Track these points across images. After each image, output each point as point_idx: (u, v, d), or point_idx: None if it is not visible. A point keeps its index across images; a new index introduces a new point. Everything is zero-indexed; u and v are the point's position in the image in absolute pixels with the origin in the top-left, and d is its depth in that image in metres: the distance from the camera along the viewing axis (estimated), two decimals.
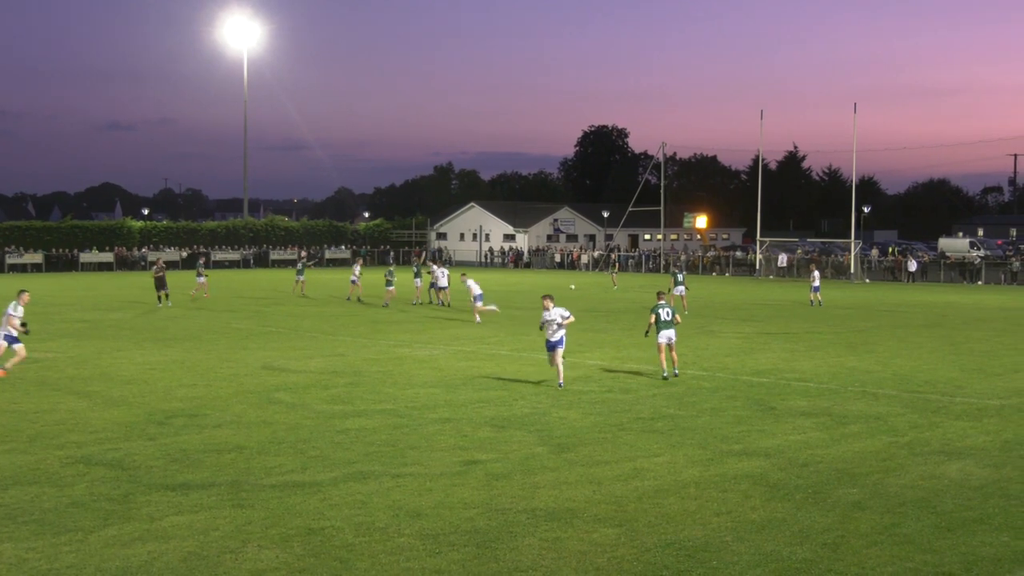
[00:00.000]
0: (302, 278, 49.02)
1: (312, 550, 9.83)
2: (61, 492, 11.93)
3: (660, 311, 21.20)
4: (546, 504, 11.48)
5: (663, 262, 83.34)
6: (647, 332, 21.80)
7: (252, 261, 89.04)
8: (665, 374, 21.21)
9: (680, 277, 40.79)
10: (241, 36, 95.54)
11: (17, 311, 20.92)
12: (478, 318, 34.47)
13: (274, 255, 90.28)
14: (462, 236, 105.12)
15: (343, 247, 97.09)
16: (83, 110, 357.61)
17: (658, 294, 22.48)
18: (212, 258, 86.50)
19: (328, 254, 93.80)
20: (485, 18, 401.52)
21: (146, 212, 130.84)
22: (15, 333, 20.94)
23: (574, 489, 12.18)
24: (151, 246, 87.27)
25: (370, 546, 9.96)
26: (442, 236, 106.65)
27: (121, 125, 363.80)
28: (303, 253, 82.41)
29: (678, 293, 38.82)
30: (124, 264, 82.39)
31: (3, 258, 77.83)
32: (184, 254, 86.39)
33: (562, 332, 19.84)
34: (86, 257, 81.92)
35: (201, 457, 13.81)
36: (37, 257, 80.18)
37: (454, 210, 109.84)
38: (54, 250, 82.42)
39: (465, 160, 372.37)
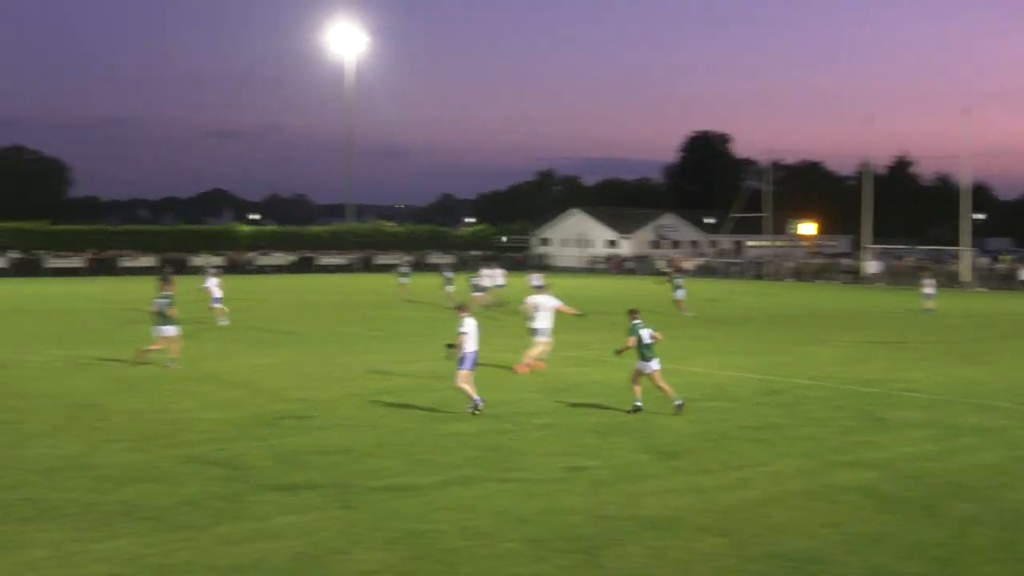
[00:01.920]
0: (406, 281, 49.92)
1: (417, 553, 9.91)
2: (175, 490, 12.23)
3: (642, 332, 17.88)
4: (650, 512, 11.42)
5: (766, 269, 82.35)
6: (620, 351, 18.55)
7: (358, 266, 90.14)
8: (639, 403, 17.89)
9: (680, 281, 42.47)
10: (346, 42, 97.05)
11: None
12: (223, 320, 35.37)
13: (379, 260, 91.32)
14: (564, 242, 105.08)
15: (446, 252, 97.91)
16: (194, 117, 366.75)
17: (631, 312, 18.47)
18: (318, 262, 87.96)
19: (431, 259, 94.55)
20: (589, 24, 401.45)
21: (254, 217, 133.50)
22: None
23: (679, 497, 12.09)
24: (260, 250, 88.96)
25: (475, 550, 10.01)
26: (545, 242, 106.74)
27: (230, 132, 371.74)
28: (406, 258, 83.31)
29: (679, 297, 40.34)
30: (234, 268, 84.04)
31: (117, 261, 79.96)
32: (291, 258, 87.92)
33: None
34: (197, 261, 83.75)
35: (309, 458, 14.03)
36: (150, 260, 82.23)
37: (556, 216, 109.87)
38: (167, 254, 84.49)
39: (568, 166, 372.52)
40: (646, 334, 17.93)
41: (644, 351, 17.85)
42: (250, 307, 43.06)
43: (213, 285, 37.29)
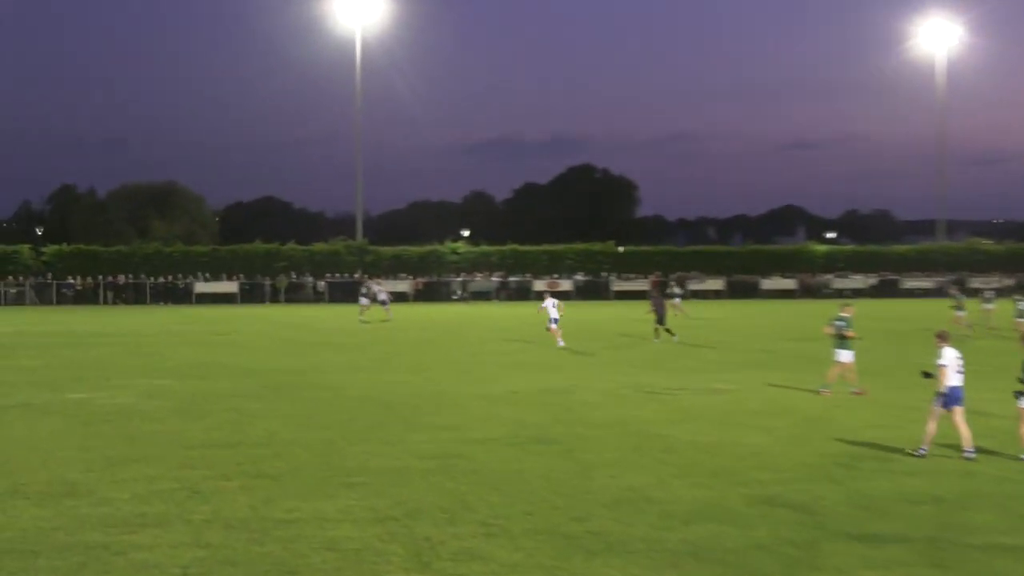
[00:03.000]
0: (990, 307, 47.94)
1: None
2: (744, 532, 12.37)
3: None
4: None
5: None
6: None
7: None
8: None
9: (960, 299, 41.23)
10: (937, 39, 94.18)
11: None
12: (560, 342, 37.50)
13: (973, 283, 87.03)
14: None
15: None
16: (766, 130, 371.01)
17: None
18: (902, 285, 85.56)
19: None
20: None
21: (830, 235, 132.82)
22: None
23: None
24: (835, 272, 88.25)
25: None
26: None
27: (805, 143, 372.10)
28: (1005, 281, 78.77)
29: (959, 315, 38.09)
30: (808, 291, 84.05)
31: (686, 284, 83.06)
32: (871, 281, 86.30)
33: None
34: (767, 283, 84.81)
35: (892, 506, 13.61)
36: (718, 283, 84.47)
37: None
38: (734, 276, 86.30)
39: None
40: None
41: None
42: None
43: (550, 306, 38.96)
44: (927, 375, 17.62)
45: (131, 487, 14.84)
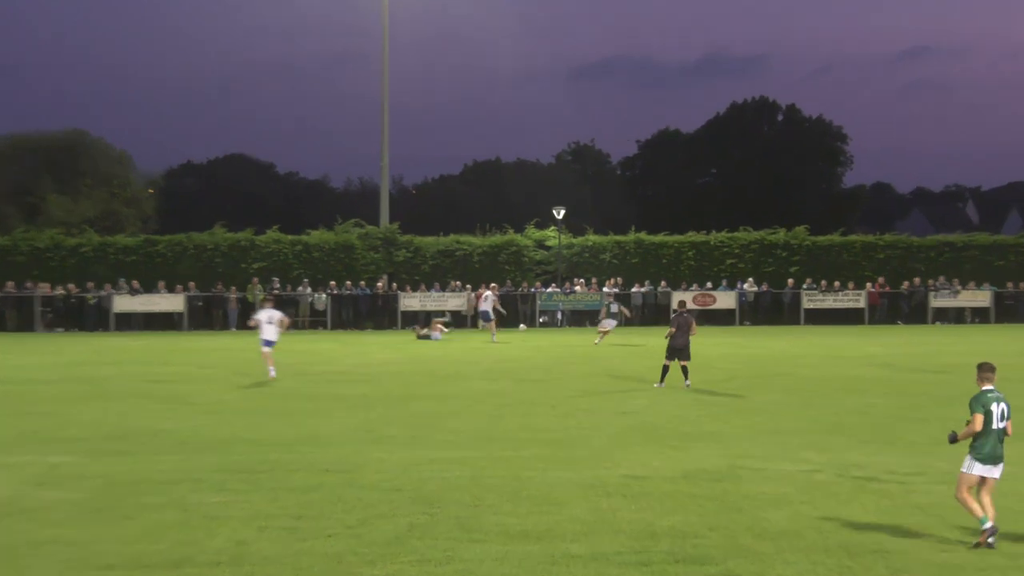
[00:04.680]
0: None
1: None
2: None
3: (994, 407, 18.86)
4: None
5: None
6: (956, 438, 19.73)
7: None
8: (987, 525, 18.53)
9: None
10: None
11: None
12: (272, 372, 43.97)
13: None
14: None
15: None
16: None
17: (982, 369, 19.42)
18: None
19: None
20: None
21: None
22: None
23: None
24: None
25: None
26: None
27: None
28: None
29: None
30: None
31: None
32: None
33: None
34: None
35: None
36: (982, 296, 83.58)
37: None
38: (1008, 284, 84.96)
39: None
40: (996, 411, 18.86)
41: (988, 441, 19.04)
42: None
43: (264, 321, 43.81)
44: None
45: None
